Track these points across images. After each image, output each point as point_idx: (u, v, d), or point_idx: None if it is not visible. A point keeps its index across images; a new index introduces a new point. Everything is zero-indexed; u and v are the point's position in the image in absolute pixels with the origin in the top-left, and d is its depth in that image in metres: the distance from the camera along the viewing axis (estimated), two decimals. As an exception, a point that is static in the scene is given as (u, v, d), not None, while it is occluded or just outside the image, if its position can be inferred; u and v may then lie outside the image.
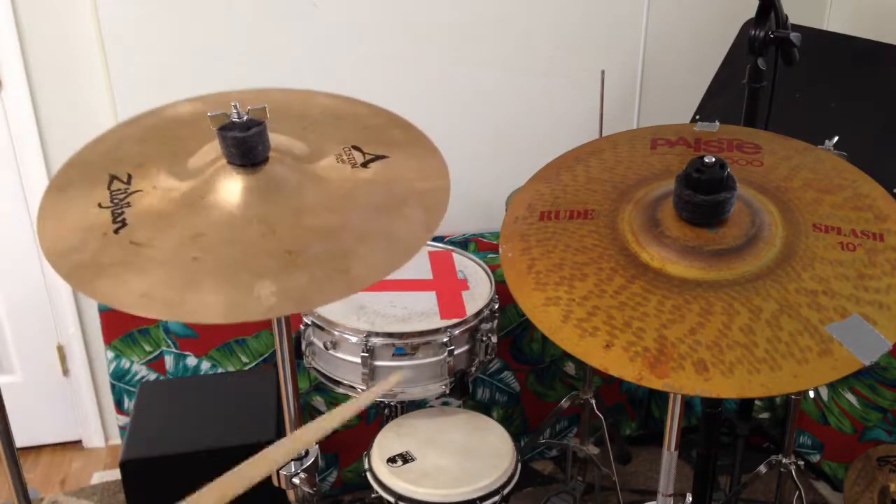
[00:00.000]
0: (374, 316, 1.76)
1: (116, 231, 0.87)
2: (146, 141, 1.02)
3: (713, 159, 1.05)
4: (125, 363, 2.31)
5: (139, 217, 0.89)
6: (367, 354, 1.69)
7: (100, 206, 0.90)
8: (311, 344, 1.82)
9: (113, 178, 0.92)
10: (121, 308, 0.75)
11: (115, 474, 2.47)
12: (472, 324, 1.76)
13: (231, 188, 0.95)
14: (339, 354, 1.74)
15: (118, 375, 2.33)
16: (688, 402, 2.45)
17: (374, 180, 0.95)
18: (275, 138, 1.03)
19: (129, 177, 0.93)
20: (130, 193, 0.91)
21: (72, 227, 0.88)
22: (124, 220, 0.88)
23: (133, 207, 0.89)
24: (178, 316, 0.79)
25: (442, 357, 1.72)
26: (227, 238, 0.86)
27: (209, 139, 1.01)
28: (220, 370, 2.21)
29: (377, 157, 0.99)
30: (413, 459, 1.67)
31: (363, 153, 1.00)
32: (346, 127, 1.05)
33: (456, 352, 1.73)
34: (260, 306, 0.79)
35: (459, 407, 2.15)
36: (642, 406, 2.59)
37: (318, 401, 2.22)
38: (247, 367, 2.21)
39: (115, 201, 0.90)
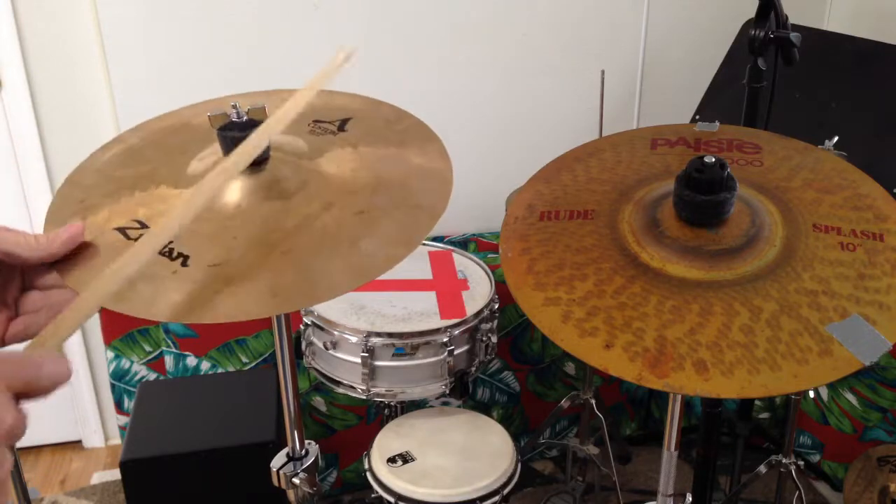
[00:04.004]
0: (374, 316, 1.76)
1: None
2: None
3: (713, 159, 1.05)
4: (125, 363, 2.31)
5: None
6: (367, 354, 1.69)
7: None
8: (311, 344, 1.82)
9: (124, 230, 0.90)
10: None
11: (115, 474, 2.47)
12: (472, 324, 1.76)
13: (229, 189, 0.95)
14: (339, 354, 1.74)
15: (118, 375, 2.33)
16: (688, 402, 2.45)
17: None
18: (278, 137, 1.02)
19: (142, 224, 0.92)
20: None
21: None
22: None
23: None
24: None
25: (442, 357, 1.72)
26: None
27: (208, 142, 1.00)
28: (220, 370, 2.21)
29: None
30: (413, 459, 1.67)
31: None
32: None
33: (456, 352, 1.73)
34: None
35: (459, 407, 2.15)
36: (642, 406, 2.59)
37: (318, 401, 2.22)
38: (247, 367, 2.21)
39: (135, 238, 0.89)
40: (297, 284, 0.82)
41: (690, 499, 1.31)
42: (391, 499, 1.60)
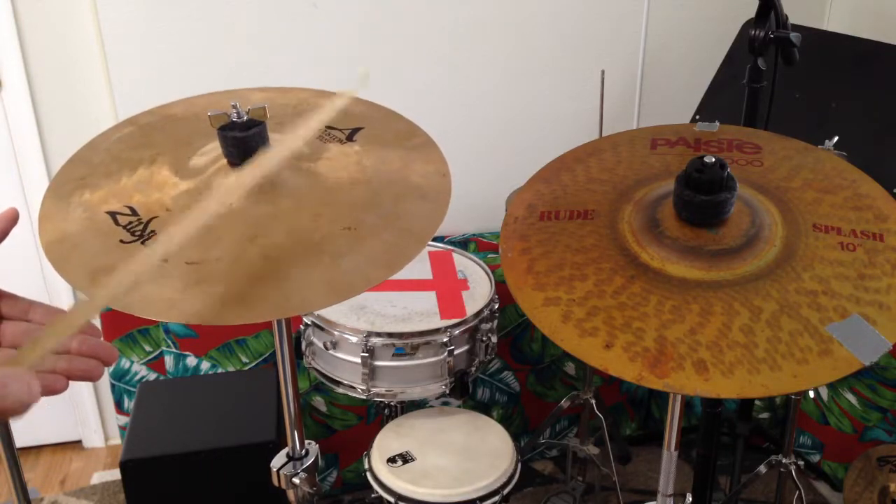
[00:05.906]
0: (374, 316, 1.76)
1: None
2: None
3: (713, 159, 1.05)
4: (125, 363, 2.31)
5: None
6: (367, 354, 1.69)
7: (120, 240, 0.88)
8: (311, 344, 1.82)
9: (114, 214, 0.90)
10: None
11: (115, 474, 2.47)
12: (472, 324, 1.76)
13: (226, 188, 0.94)
14: (339, 354, 1.74)
15: (118, 375, 2.33)
16: (688, 402, 2.45)
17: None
18: (278, 138, 1.02)
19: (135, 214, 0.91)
20: (146, 222, 0.89)
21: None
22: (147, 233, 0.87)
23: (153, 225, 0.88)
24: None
25: (442, 357, 1.72)
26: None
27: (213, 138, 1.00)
28: (220, 370, 2.21)
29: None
30: (413, 459, 1.67)
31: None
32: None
33: (456, 352, 1.73)
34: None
35: (459, 407, 2.15)
36: (642, 406, 2.59)
37: (318, 401, 2.22)
38: (247, 367, 2.21)
39: (135, 233, 0.89)
40: (270, 295, 0.81)
41: (690, 499, 1.32)
42: (391, 499, 1.60)
